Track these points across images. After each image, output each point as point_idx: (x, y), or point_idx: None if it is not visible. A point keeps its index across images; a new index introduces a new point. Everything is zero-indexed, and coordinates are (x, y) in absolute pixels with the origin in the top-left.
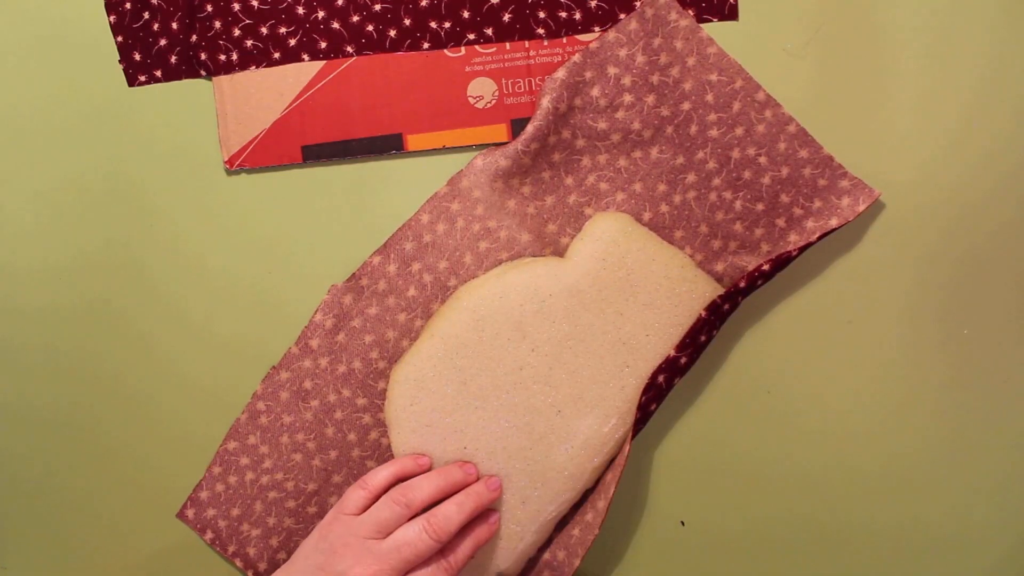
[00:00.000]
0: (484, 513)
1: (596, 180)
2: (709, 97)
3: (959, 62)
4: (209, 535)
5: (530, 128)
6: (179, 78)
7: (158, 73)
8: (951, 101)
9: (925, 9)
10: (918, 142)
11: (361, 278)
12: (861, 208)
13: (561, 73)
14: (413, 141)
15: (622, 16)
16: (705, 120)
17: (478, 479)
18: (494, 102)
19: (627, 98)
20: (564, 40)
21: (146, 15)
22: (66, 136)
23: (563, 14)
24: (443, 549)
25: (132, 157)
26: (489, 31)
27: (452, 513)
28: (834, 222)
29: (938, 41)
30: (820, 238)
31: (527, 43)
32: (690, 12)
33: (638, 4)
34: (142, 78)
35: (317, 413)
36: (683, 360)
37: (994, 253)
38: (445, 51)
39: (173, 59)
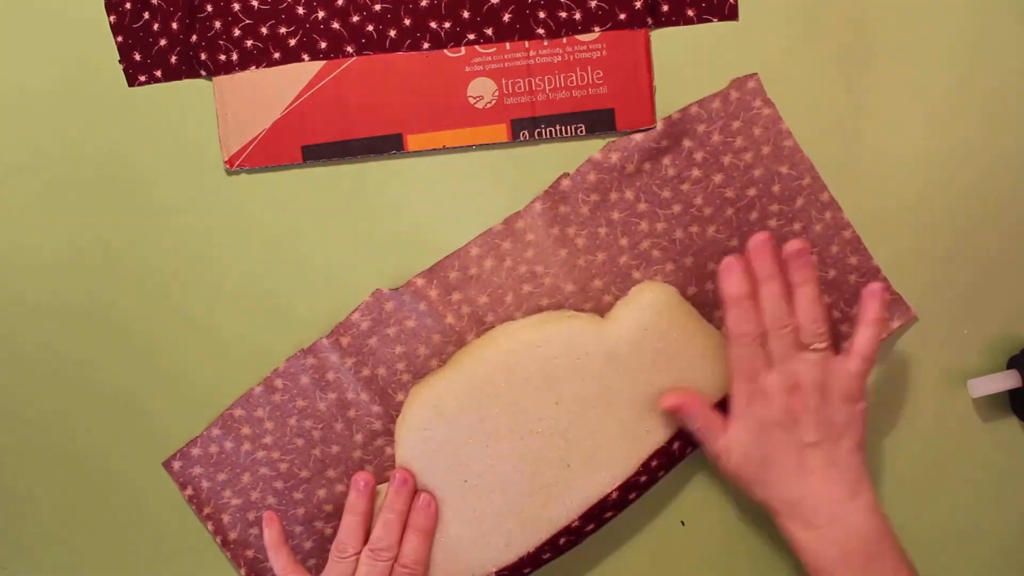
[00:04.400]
0: (415, 503)
1: (650, 246)
2: (776, 188)
3: (958, 61)
4: (189, 491)
5: (592, 178)
6: (179, 78)
7: (158, 73)
8: (950, 100)
9: (922, 8)
10: (915, 140)
11: (404, 294)
12: (895, 325)
13: (638, 136)
14: (413, 141)
15: (622, 16)
16: (767, 209)
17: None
18: (494, 102)
19: (695, 172)
20: (564, 40)
21: (146, 15)
22: (66, 136)
23: (563, 14)
24: (397, 558)
25: (132, 157)
26: (489, 31)
27: (384, 532)
28: None
29: (936, 40)
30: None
31: (527, 43)
32: (773, 102)
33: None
34: (142, 78)
35: (331, 406)
36: None
37: (994, 252)
38: (445, 51)
39: (173, 59)
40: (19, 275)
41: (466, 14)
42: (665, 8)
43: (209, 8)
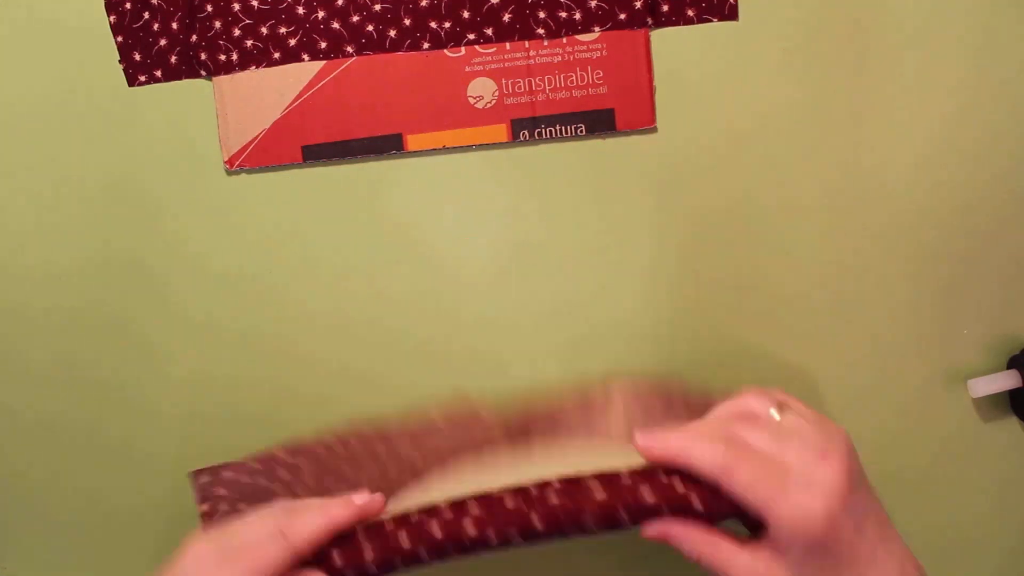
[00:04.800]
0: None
1: None
2: None
3: (957, 60)
4: (205, 507)
5: None
6: (179, 78)
7: (158, 73)
8: (949, 99)
9: (923, 8)
10: (916, 140)
11: None
12: None
13: None
14: (413, 141)
15: (622, 16)
16: None
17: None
18: (494, 102)
19: None
20: (564, 40)
21: (146, 15)
22: (66, 136)
23: (563, 14)
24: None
25: (132, 157)
26: (489, 31)
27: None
28: None
29: (936, 40)
30: None
31: (527, 43)
32: None
33: None
34: (142, 78)
35: (373, 478)
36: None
37: (995, 253)
38: (445, 51)
39: (173, 59)
40: (19, 275)
41: (466, 14)
42: (665, 8)
43: (209, 8)
